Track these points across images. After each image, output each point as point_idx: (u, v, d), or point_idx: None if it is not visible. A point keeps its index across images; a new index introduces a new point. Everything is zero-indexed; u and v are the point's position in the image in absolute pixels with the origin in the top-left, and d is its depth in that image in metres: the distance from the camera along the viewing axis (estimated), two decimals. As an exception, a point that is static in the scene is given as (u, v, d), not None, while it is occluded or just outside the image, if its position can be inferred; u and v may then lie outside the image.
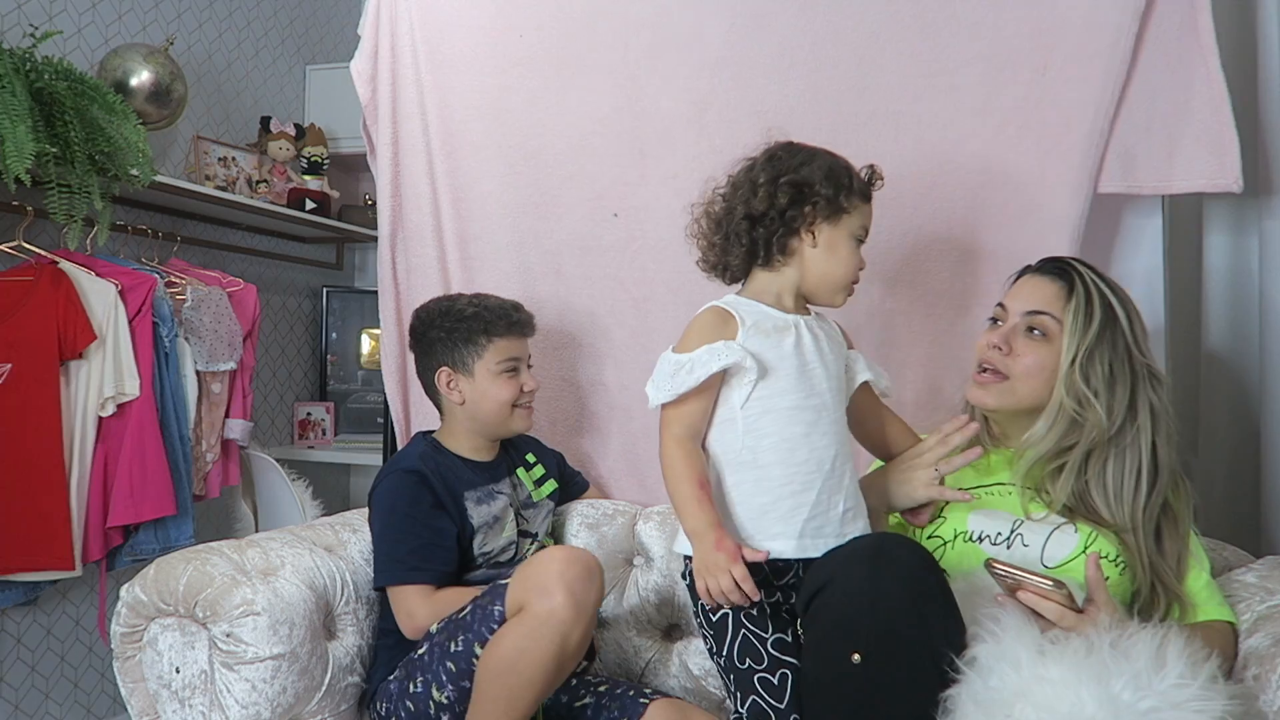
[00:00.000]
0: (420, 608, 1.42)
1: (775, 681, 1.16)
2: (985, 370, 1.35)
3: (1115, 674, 0.96)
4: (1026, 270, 1.39)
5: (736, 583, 1.11)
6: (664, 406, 1.22)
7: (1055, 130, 1.62)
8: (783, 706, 1.15)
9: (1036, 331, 1.31)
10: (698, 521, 1.15)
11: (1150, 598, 1.26)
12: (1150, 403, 1.28)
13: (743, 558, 1.12)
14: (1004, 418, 1.38)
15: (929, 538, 1.35)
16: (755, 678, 1.16)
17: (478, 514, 1.53)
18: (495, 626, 1.28)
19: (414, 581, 1.44)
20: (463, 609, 1.35)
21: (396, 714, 1.37)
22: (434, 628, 1.38)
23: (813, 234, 1.25)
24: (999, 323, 1.36)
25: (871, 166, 1.29)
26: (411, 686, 1.36)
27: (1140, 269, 1.67)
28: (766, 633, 1.18)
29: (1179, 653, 0.99)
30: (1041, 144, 1.63)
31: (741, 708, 1.18)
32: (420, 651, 1.37)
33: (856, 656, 1.03)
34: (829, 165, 1.25)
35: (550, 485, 1.70)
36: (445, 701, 1.33)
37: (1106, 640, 1.00)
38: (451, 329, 1.57)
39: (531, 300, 1.70)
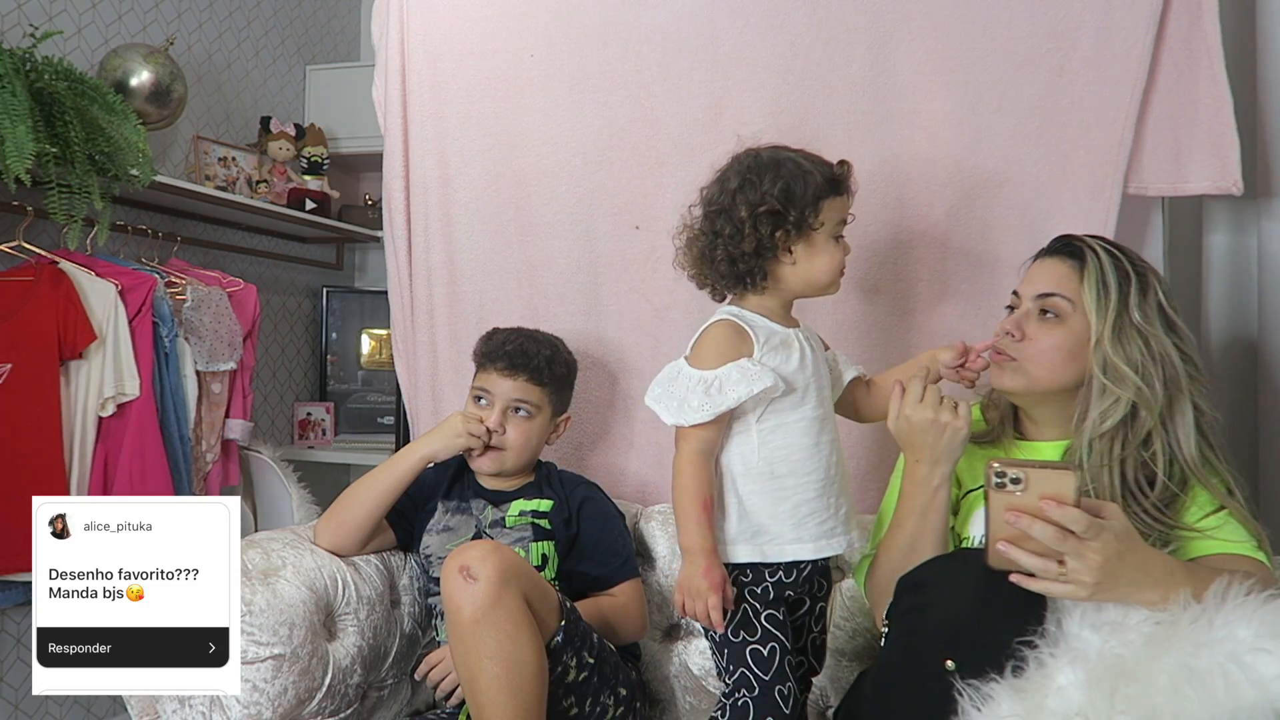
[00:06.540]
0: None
1: (765, 653, 1.21)
2: (999, 354, 1.32)
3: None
4: (1040, 254, 1.36)
5: (709, 611, 1.17)
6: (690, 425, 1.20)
7: (1073, 132, 1.61)
8: (768, 678, 1.20)
9: (1049, 314, 1.28)
10: (694, 542, 1.19)
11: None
12: (1191, 358, 1.24)
13: (723, 591, 1.18)
14: (1033, 406, 1.34)
15: None
16: (747, 649, 1.21)
17: (440, 520, 1.57)
18: None
19: None
20: None
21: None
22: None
23: (790, 252, 1.24)
24: (1015, 310, 1.34)
25: (843, 162, 1.26)
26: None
27: (1140, 270, 1.67)
28: (763, 607, 1.23)
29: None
30: (1060, 146, 1.63)
31: (729, 680, 1.23)
32: None
33: (950, 663, 1.05)
34: (789, 178, 1.21)
35: (543, 524, 1.54)
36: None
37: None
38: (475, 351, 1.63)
39: (549, 323, 1.70)
